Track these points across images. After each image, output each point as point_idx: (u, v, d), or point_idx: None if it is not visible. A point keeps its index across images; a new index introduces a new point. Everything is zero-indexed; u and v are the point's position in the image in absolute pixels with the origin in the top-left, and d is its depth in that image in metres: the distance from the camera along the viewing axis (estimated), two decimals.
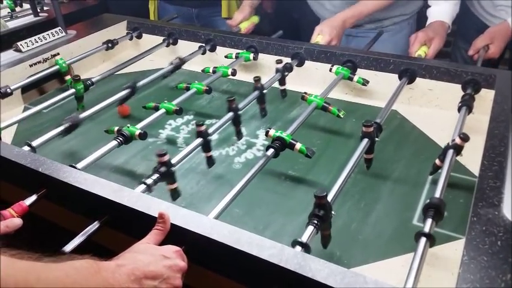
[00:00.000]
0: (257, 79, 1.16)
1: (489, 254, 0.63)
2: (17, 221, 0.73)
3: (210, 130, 1.00)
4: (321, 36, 1.44)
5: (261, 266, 0.63)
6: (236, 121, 1.09)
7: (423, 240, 0.69)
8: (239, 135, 1.13)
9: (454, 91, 1.18)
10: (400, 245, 0.80)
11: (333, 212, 0.74)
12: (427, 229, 0.71)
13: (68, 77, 1.41)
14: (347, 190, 0.94)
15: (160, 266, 0.62)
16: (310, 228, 0.72)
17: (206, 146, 0.99)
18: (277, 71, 1.28)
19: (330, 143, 1.15)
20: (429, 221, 0.72)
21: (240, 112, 1.08)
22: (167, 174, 0.86)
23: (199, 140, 0.98)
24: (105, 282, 0.56)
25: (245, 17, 1.69)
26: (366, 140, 0.94)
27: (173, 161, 0.89)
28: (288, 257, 0.62)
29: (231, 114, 1.07)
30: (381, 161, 1.04)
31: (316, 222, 0.72)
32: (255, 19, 1.73)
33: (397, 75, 1.26)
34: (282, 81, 1.29)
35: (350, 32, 1.65)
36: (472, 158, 0.93)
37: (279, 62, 1.30)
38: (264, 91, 1.18)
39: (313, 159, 0.97)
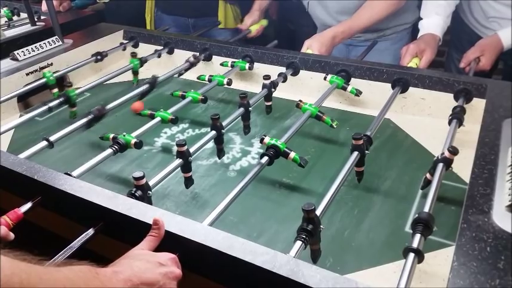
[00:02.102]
0: (243, 96, 1.14)
1: (478, 259, 0.64)
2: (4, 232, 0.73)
3: (192, 149, 0.97)
4: (309, 51, 1.46)
5: (254, 272, 0.63)
6: (219, 140, 1.06)
7: (411, 256, 0.68)
8: (220, 153, 1.10)
9: (446, 100, 1.20)
10: (392, 252, 0.81)
11: (321, 226, 0.74)
12: (415, 244, 0.70)
13: (55, 90, 1.40)
14: (340, 198, 0.95)
15: (156, 273, 0.62)
16: (298, 243, 0.70)
17: (186, 167, 0.95)
18: (264, 86, 1.26)
19: (324, 151, 1.16)
20: (417, 236, 0.71)
21: (223, 131, 1.06)
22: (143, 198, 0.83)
23: (178, 161, 0.93)
24: (103, 287, 0.56)
25: (255, 21, 1.74)
26: (356, 153, 0.93)
27: (151, 182, 0.86)
28: (281, 263, 0.62)
29: (213, 132, 1.04)
30: (374, 168, 1.05)
31: (304, 236, 0.71)
32: (264, 22, 1.78)
33: (390, 85, 1.27)
34: (268, 98, 1.27)
35: (351, 41, 1.67)
36: (464, 166, 0.94)
37: (266, 77, 1.27)
38: (250, 108, 1.16)
39: (307, 168, 0.98)
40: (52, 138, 1.03)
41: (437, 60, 1.61)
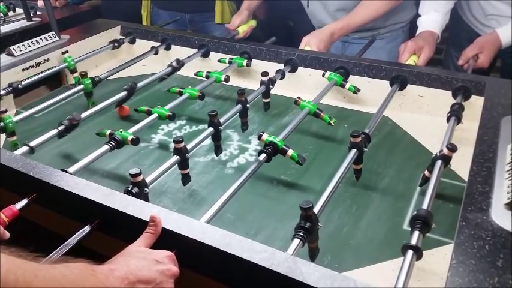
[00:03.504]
0: (241, 93, 1.14)
1: (477, 257, 0.64)
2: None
3: (189, 146, 0.96)
4: (308, 47, 1.45)
5: (252, 270, 0.63)
6: (216, 136, 1.06)
7: (410, 253, 0.68)
8: (218, 150, 1.09)
9: (445, 98, 1.20)
10: (391, 250, 0.81)
11: (319, 224, 0.74)
12: (414, 241, 0.70)
13: (75, 74, 1.45)
14: (338, 195, 0.95)
15: (153, 271, 0.62)
16: (296, 241, 0.70)
17: (183, 164, 0.95)
18: (262, 83, 1.25)
19: (322, 148, 1.15)
20: (416, 233, 0.71)
21: (221, 127, 1.05)
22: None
23: (175, 158, 0.93)
24: (100, 284, 0.56)
25: (243, 21, 1.71)
26: (354, 151, 0.93)
27: (148, 179, 0.85)
28: (279, 260, 0.62)
29: (211, 129, 1.04)
30: (372, 166, 1.05)
31: (302, 234, 0.71)
32: (253, 23, 1.75)
33: (388, 82, 1.27)
34: (266, 95, 1.26)
35: (346, 39, 1.66)
36: (462, 164, 0.94)
37: (264, 74, 1.26)
38: (247, 105, 1.15)
39: (305, 165, 0.98)
40: (33, 143, 1.00)
41: (436, 57, 1.60)
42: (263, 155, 0.94)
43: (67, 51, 1.51)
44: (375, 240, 0.86)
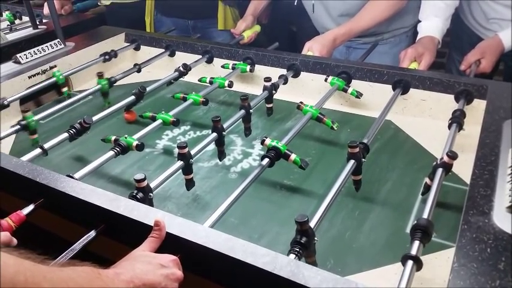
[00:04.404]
0: (244, 98, 1.15)
1: (479, 260, 0.64)
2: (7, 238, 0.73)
3: (193, 151, 0.97)
4: (310, 52, 1.46)
5: (255, 274, 0.63)
6: (220, 142, 1.06)
7: (410, 263, 0.67)
8: (222, 155, 1.10)
9: (447, 101, 1.20)
10: (393, 254, 0.81)
11: (315, 238, 0.73)
12: (414, 252, 0.69)
13: (65, 89, 1.44)
14: (341, 199, 0.95)
15: (158, 275, 0.63)
16: (292, 256, 0.69)
17: (187, 169, 0.95)
18: (265, 88, 1.26)
19: (324, 153, 1.16)
20: (416, 243, 0.70)
21: (224, 133, 1.06)
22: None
23: (179, 163, 0.93)
24: (106, 287, 0.57)
25: (247, 26, 1.73)
26: (352, 162, 0.91)
27: (152, 184, 0.87)
28: (282, 264, 0.63)
29: (214, 134, 1.04)
30: (375, 170, 1.05)
31: (298, 249, 0.69)
32: (257, 28, 1.77)
33: (391, 86, 1.28)
34: (269, 100, 1.27)
35: (350, 44, 1.68)
36: (464, 167, 0.94)
37: (267, 80, 1.27)
38: (251, 110, 1.16)
39: (308, 169, 0.99)
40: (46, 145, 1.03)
41: (438, 61, 1.61)
42: (266, 160, 0.95)
43: (55, 66, 1.48)
44: (377, 244, 0.86)
